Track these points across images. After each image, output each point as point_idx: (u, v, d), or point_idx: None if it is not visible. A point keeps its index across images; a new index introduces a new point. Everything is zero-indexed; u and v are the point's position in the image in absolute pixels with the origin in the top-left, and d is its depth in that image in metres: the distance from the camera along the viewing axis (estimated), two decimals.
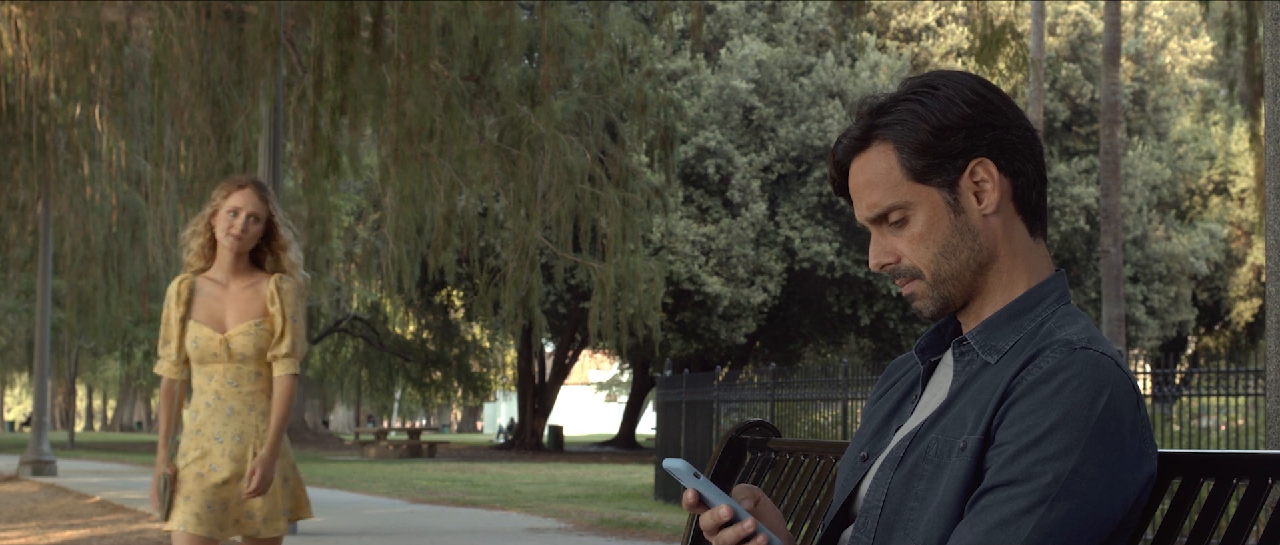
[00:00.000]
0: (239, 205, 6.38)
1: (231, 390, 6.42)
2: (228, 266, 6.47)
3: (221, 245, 6.43)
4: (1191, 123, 49.61)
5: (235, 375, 6.42)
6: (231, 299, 6.45)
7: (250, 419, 6.43)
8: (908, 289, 2.48)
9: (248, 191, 6.43)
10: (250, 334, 6.40)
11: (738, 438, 3.81)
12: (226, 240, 6.39)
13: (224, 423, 6.41)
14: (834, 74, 40.32)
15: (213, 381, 6.43)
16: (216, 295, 6.45)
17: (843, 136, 2.51)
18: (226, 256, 6.46)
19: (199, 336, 6.40)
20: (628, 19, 23.48)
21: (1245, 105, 25.80)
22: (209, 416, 6.43)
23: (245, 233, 6.39)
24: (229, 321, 6.42)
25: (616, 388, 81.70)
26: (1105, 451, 2.26)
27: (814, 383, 20.46)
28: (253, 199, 6.42)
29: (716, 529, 2.40)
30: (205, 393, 6.44)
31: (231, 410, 6.42)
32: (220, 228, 6.40)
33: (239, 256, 6.47)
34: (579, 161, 20.42)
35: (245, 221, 6.38)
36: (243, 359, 6.40)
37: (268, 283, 6.47)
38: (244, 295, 6.45)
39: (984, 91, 2.44)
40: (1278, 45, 3.91)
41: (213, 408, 6.43)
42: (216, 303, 6.45)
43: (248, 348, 6.39)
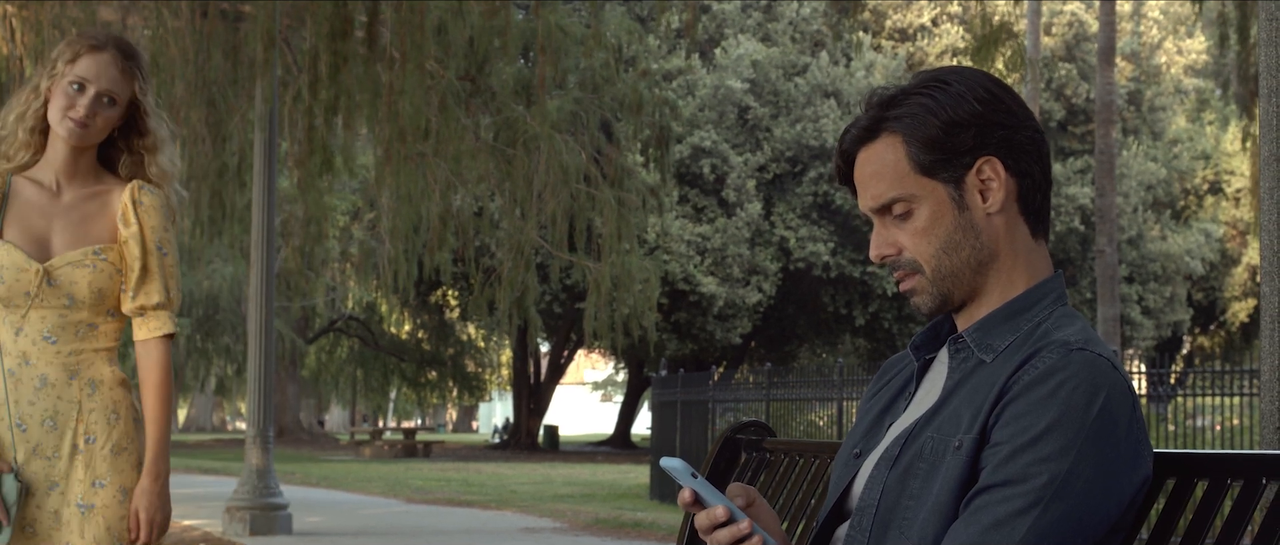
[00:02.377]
0: (86, 77, 4.35)
1: (47, 350, 4.31)
2: (62, 165, 4.42)
3: (55, 134, 4.41)
4: (1186, 122, 49.62)
5: (56, 326, 4.32)
6: (62, 212, 4.42)
7: (70, 394, 4.32)
8: (907, 283, 2.48)
9: (104, 57, 4.39)
10: (85, 265, 4.34)
11: (733, 438, 3.82)
12: (63, 126, 4.35)
13: (30, 399, 4.30)
14: (829, 74, 40.31)
15: (20, 336, 4.32)
16: (40, 205, 4.42)
17: (851, 126, 2.51)
18: (61, 151, 4.41)
19: (6, 263, 4.29)
20: (623, 19, 23.49)
21: (1240, 105, 25.80)
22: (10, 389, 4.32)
23: (92, 118, 4.35)
24: (55, 244, 4.37)
25: (612, 387, 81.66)
26: (1100, 453, 2.26)
27: (809, 383, 20.48)
28: (109, 69, 4.38)
29: (712, 529, 2.40)
30: (7, 354, 4.35)
31: (43, 380, 4.30)
32: (55, 107, 4.37)
33: (81, 153, 4.42)
34: (574, 161, 20.41)
35: (92, 102, 4.33)
36: (70, 302, 4.32)
37: (120, 193, 4.44)
38: (82, 208, 4.43)
39: (996, 90, 2.44)
40: (1272, 45, 3.92)
41: (15, 376, 4.32)
42: (39, 216, 4.41)
43: (80, 285, 4.31)
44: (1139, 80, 47.04)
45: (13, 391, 4.34)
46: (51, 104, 4.40)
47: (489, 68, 19.61)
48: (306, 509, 17.55)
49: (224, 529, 15.19)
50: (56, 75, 4.42)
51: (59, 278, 4.34)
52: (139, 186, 4.44)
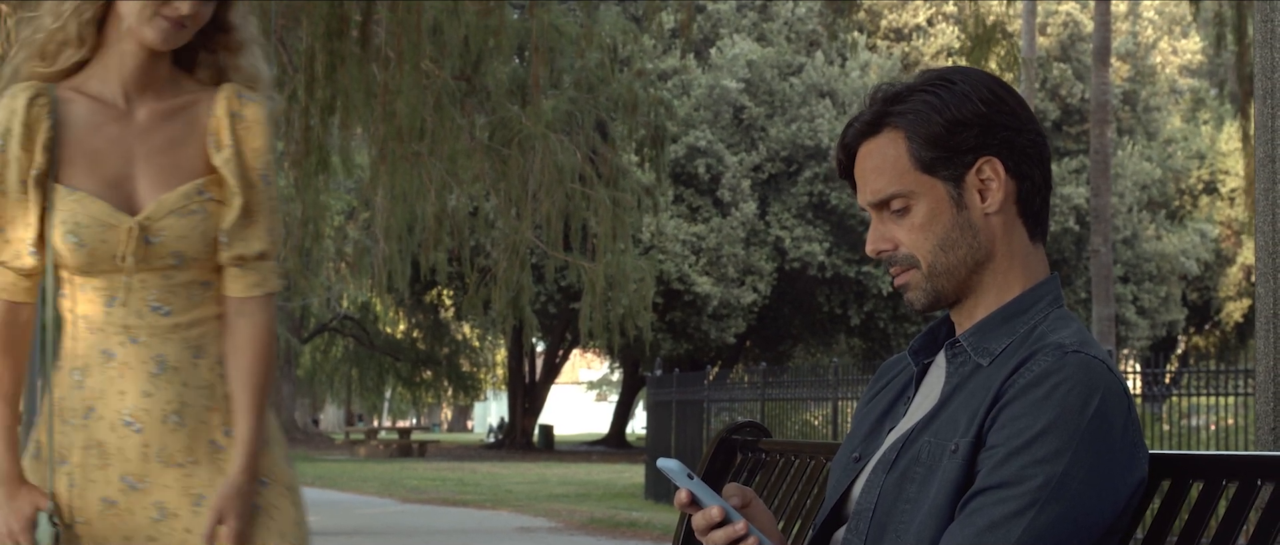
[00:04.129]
0: None
1: (159, 324, 3.24)
2: (133, 73, 3.26)
3: (126, 35, 3.24)
4: (1182, 122, 49.64)
5: (163, 292, 3.24)
6: (139, 138, 3.27)
7: (198, 378, 3.26)
8: (901, 279, 2.49)
9: None
10: (191, 210, 3.23)
11: (728, 438, 3.82)
12: (153, 27, 3.19)
13: (145, 390, 3.23)
14: (824, 74, 40.31)
15: (116, 306, 3.23)
16: (109, 132, 3.26)
17: (854, 120, 2.52)
18: (132, 56, 3.25)
19: (84, 220, 3.20)
20: (618, 18, 23.49)
21: (1235, 105, 25.85)
22: (112, 378, 3.25)
23: (194, 16, 3.22)
24: (142, 188, 3.24)
25: (607, 387, 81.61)
26: (1096, 455, 2.26)
27: (804, 382, 20.49)
28: None
29: (708, 529, 2.40)
30: (98, 330, 3.25)
31: (160, 363, 3.23)
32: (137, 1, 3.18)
33: (159, 56, 3.27)
34: (569, 161, 20.41)
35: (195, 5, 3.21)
36: (178, 261, 3.24)
37: (210, 103, 3.30)
38: (166, 130, 3.28)
39: (1000, 92, 2.45)
40: (1267, 46, 3.92)
41: (120, 359, 3.24)
42: (111, 147, 3.26)
43: (190, 238, 3.23)
44: (1134, 80, 47.05)
45: (119, 378, 3.24)
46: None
47: (484, 67, 19.60)
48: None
49: None
50: None
51: (161, 233, 3.21)
52: (236, 93, 3.28)
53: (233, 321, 3.27)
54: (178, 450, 3.23)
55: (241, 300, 3.27)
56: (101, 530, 3.25)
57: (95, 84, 3.27)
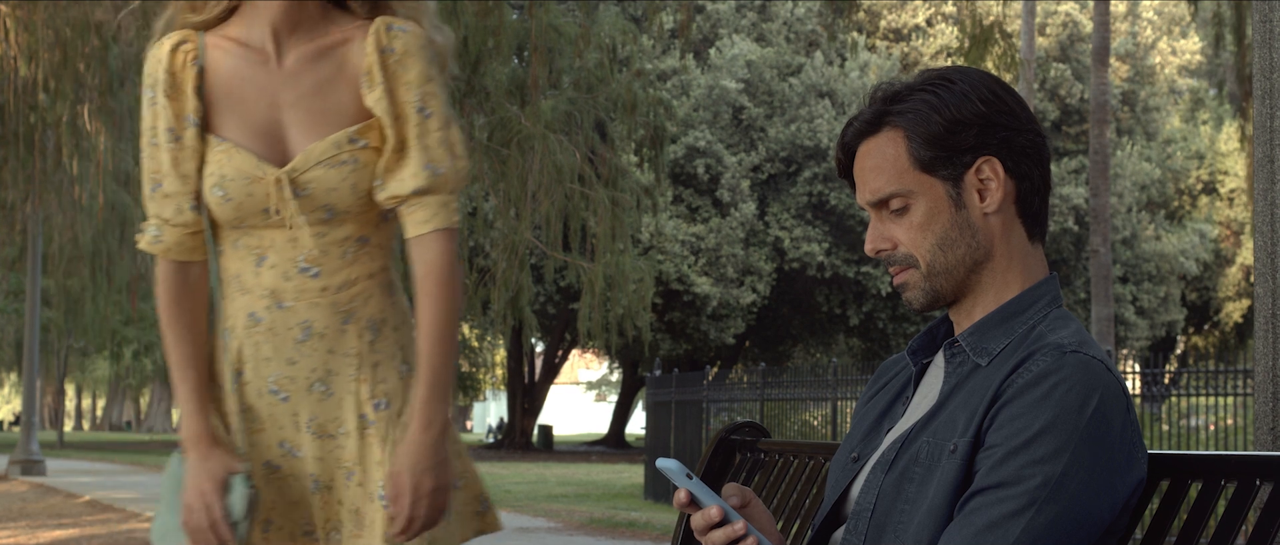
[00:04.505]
0: None
1: (307, 285, 3.08)
2: (281, 13, 3.08)
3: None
4: (1181, 123, 49.67)
5: (315, 251, 3.08)
6: (288, 83, 3.10)
7: (346, 345, 3.11)
8: (900, 278, 2.49)
9: None
10: (343, 160, 3.05)
11: (727, 438, 3.81)
12: None
13: (290, 357, 3.10)
14: (823, 74, 40.31)
15: (264, 267, 3.10)
16: (256, 79, 3.10)
17: (854, 119, 2.52)
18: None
19: (229, 172, 3.06)
20: (617, 19, 23.46)
21: (1234, 105, 25.87)
22: (258, 343, 3.12)
23: None
24: (292, 136, 3.08)
25: (606, 387, 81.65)
26: (1094, 455, 2.26)
27: (803, 383, 20.48)
28: None
29: (707, 529, 2.40)
30: (247, 291, 3.12)
31: (307, 329, 3.09)
32: None
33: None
34: (568, 161, 20.41)
35: None
36: (329, 214, 3.07)
37: (362, 41, 3.10)
38: (316, 73, 3.10)
39: (1000, 92, 2.45)
40: (1266, 46, 3.92)
41: (261, 323, 3.11)
42: (259, 95, 3.10)
43: (341, 190, 3.05)
44: (1133, 80, 47.07)
45: (265, 343, 3.10)
46: None
47: (483, 67, 19.60)
48: None
49: None
50: None
51: (310, 185, 3.03)
52: (385, 26, 3.05)
53: (412, 265, 3.10)
54: (328, 420, 3.10)
55: (412, 241, 3.07)
56: (269, 496, 3.13)
57: (243, 29, 3.10)
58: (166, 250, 3.13)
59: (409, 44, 3.05)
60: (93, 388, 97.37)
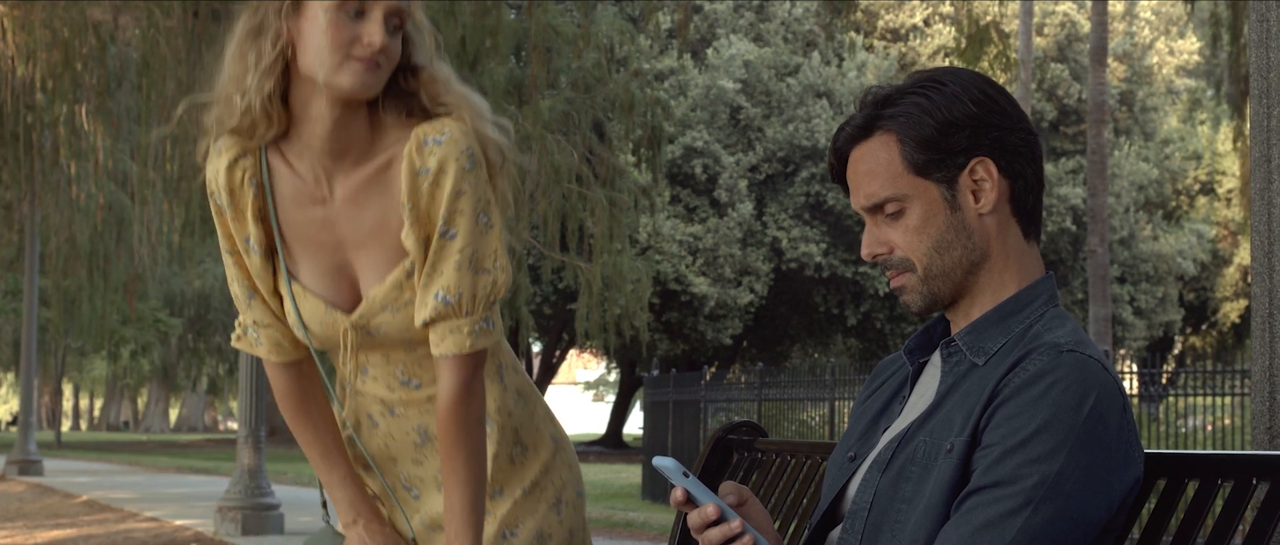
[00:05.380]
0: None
1: (412, 396, 3.10)
2: (327, 141, 2.93)
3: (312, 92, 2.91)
4: (1178, 123, 49.65)
5: (409, 365, 3.08)
6: (346, 219, 2.98)
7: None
8: (897, 282, 2.49)
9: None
10: (405, 301, 2.99)
11: (725, 438, 3.82)
12: (346, 73, 2.85)
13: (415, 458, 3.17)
14: (821, 74, 40.30)
15: (367, 378, 3.13)
16: (317, 216, 2.99)
17: (846, 124, 2.51)
18: (324, 119, 2.92)
19: (305, 315, 3.04)
20: (615, 19, 23.46)
21: (1232, 105, 25.85)
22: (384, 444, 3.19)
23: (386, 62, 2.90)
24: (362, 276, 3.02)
25: (603, 387, 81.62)
26: (1091, 454, 2.26)
27: (801, 383, 20.47)
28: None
29: (704, 527, 2.40)
30: (360, 395, 3.17)
31: (423, 434, 3.13)
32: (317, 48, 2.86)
33: (354, 113, 2.93)
34: (566, 161, 20.41)
35: (384, 27, 2.88)
36: (409, 345, 3.04)
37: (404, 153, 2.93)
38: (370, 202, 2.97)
39: (991, 92, 2.44)
40: (1263, 46, 3.92)
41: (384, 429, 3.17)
42: (320, 231, 3.00)
43: (409, 329, 3.01)
44: (1131, 80, 47.06)
45: (392, 443, 3.14)
46: (307, 45, 2.87)
47: (481, 67, 19.59)
48: (298, 509, 17.53)
49: (216, 528, 15.18)
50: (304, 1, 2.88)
51: (380, 329, 2.99)
52: (419, 145, 2.89)
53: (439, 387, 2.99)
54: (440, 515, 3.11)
55: (436, 361, 2.97)
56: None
57: (297, 152, 2.96)
58: (268, 352, 3.11)
59: (444, 158, 2.89)
60: (90, 387, 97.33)
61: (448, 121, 2.92)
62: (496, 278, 2.97)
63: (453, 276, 2.92)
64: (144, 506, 19.01)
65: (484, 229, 2.94)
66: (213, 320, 49.34)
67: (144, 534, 15.33)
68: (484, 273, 2.95)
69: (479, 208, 2.92)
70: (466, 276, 2.93)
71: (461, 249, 2.91)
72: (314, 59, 2.84)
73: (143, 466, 33.84)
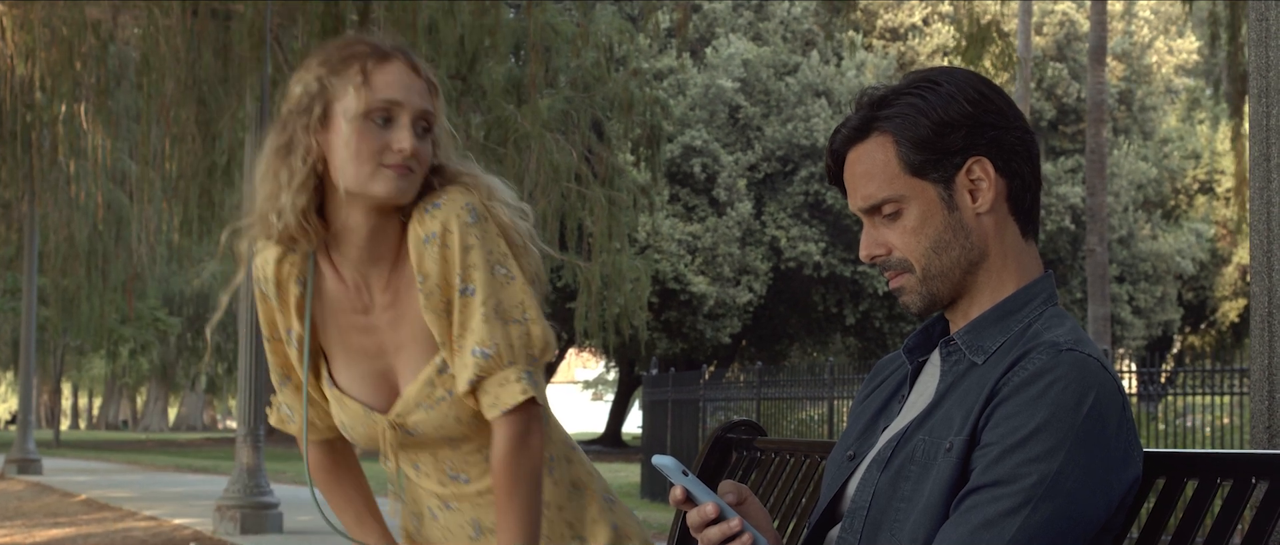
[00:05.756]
0: (394, 98, 2.90)
1: (462, 490, 3.09)
2: (363, 249, 2.97)
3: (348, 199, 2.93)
4: (1177, 122, 49.65)
5: (456, 462, 3.07)
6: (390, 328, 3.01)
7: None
8: (896, 282, 2.49)
9: (399, 66, 2.93)
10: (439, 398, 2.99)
11: (724, 437, 3.82)
12: (380, 181, 2.88)
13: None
14: (820, 73, 40.31)
15: (420, 474, 3.13)
16: (359, 323, 3.03)
17: (842, 126, 2.51)
18: (359, 227, 2.95)
19: (345, 416, 3.08)
20: (614, 18, 23.45)
21: (1231, 104, 25.85)
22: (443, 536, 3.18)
23: (417, 165, 2.92)
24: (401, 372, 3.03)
25: (603, 386, 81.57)
26: (1090, 453, 2.26)
27: (800, 382, 20.47)
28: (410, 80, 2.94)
29: (703, 526, 2.40)
30: (415, 488, 3.18)
31: (477, 527, 3.10)
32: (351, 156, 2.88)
33: (386, 218, 2.95)
34: (565, 160, 20.41)
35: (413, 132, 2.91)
36: (451, 442, 3.03)
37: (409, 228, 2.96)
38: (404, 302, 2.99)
39: (986, 91, 2.44)
40: (1261, 45, 3.92)
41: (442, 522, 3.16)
42: (362, 335, 3.03)
43: (447, 425, 3.00)
44: (1130, 80, 47.07)
45: (449, 536, 3.13)
46: (337, 158, 2.88)
47: (480, 66, 19.60)
48: (297, 508, 17.53)
49: (215, 527, 15.17)
50: (333, 112, 2.90)
51: (417, 427, 2.99)
52: (419, 217, 2.91)
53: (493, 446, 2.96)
54: None
55: (492, 419, 2.93)
56: None
57: (339, 261, 2.99)
58: (299, 432, 3.16)
59: (445, 218, 2.90)
60: (89, 386, 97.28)
61: (446, 188, 2.94)
62: (529, 329, 2.94)
63: (482, 330, 2.89)
64: (143, 505, 19.01)
65: (504, 280, 2.93)
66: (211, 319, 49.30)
67: (143, 533, 15.33)
68: (514, 323, 2.93)
69: (493, 260, 2.92)
70: (496, 327, 2.90)
71: (484, 301, 2.90)
72: (345, 171, 2.87)
73: (141, 465, 33.84)
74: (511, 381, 2.89)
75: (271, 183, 2.94)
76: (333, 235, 2.96)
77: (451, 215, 2.89)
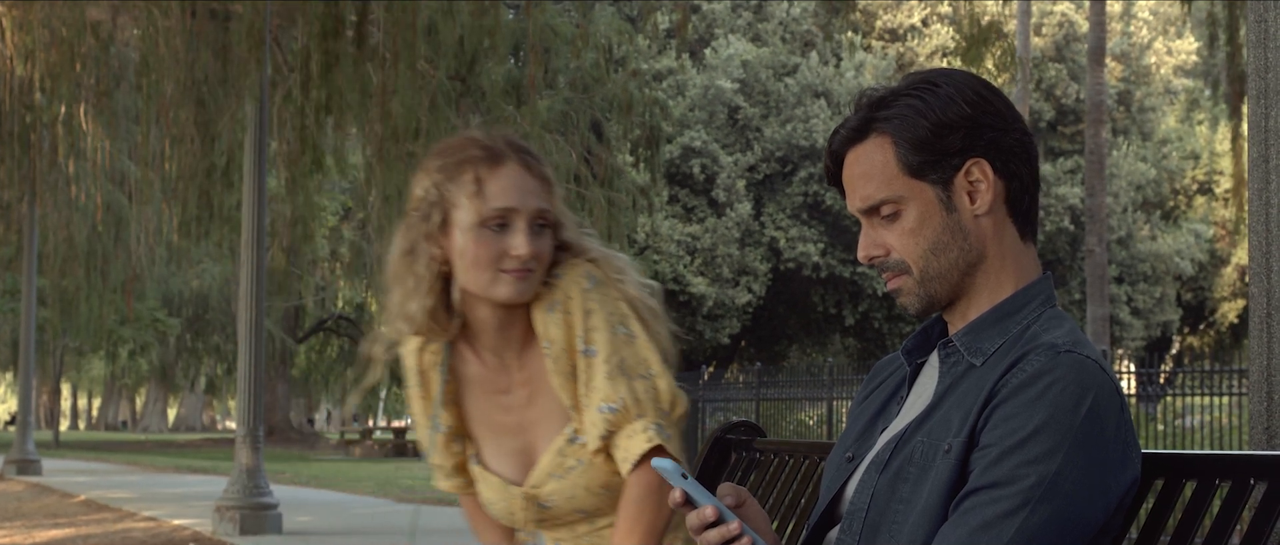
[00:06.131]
0: (509, 204, 3.01)
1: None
2: (495, 335, 3.08)
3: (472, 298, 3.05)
4: (1176, 123, 49.67)
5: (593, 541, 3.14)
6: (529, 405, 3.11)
7: None
8: (894, 284, 2.48)
9: (512, 168, 3.04)
10: (569, 466, 3.07)
11: (723, 438, 3.81)
12: (501, 286, 3.00)
13: None
14: (819, 74, 40.33)
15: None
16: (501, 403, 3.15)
17: (840, 127, 2.51)
18: (488, 320, 3.07)
19: (486, 494, 3.20)
20: (613, 19, 23.46)
21: (1229, 105, 25.87)
22: None
23: (536, 264, 3.02)
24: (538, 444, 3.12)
25: None
26: (1088, 455, 2.26)
27: (799, 382, 20.49)
28: (526, 181, 3.05)
29: (702, 529, 2.39)
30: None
31: None
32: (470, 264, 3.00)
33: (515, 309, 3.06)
34: (564, 161, 20.40)
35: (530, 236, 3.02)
36: (583, 515, 3.11)
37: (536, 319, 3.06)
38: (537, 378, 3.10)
39: (985, 93, 2.44)
40: (1260, 47, 3.93)
41: None
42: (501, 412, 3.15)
43: (578, 497, 3.08)
44: (1129, 80, 47.09)
45: None
46: (459, 261, 3.00)
47: (479, 67, 19.60)
48: (296, 508, 17.54)
49: (214, 528, 15.17)
50: (451, 220, 3.00)
51: (551, 498, 3.07)
52: (544, 287, 3.02)
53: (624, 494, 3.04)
54: None
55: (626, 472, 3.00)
56: None
57: (479, 345, 3.12)
58: (452, 488, 3.29)
59: (567, 287, 3.02)
60: (88, 387, 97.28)
61: (568, 261, 3.06)
62: (655, 383, 3.01)
63: (607, 387, 2.97)
64: (142, 506, 19.01)
65: (625, 339, 3.01)
66: (211, 320, 49.28)
67: (142, 533, 15.32)
68: (639, 378, 2.99)
69: (613, 320, 3.01)
70: (621, 383, 2.97)
71: (607, 359, 2.98)
72: (466, 277, 3.01)
73: (141, 466, 33.84)
74: (639, 433, 2.96)
75: (400, 288, 3.06)
76: (467, 324, 3.09)
77: (572, 283, 3.01)
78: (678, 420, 3.04)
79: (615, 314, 3.00)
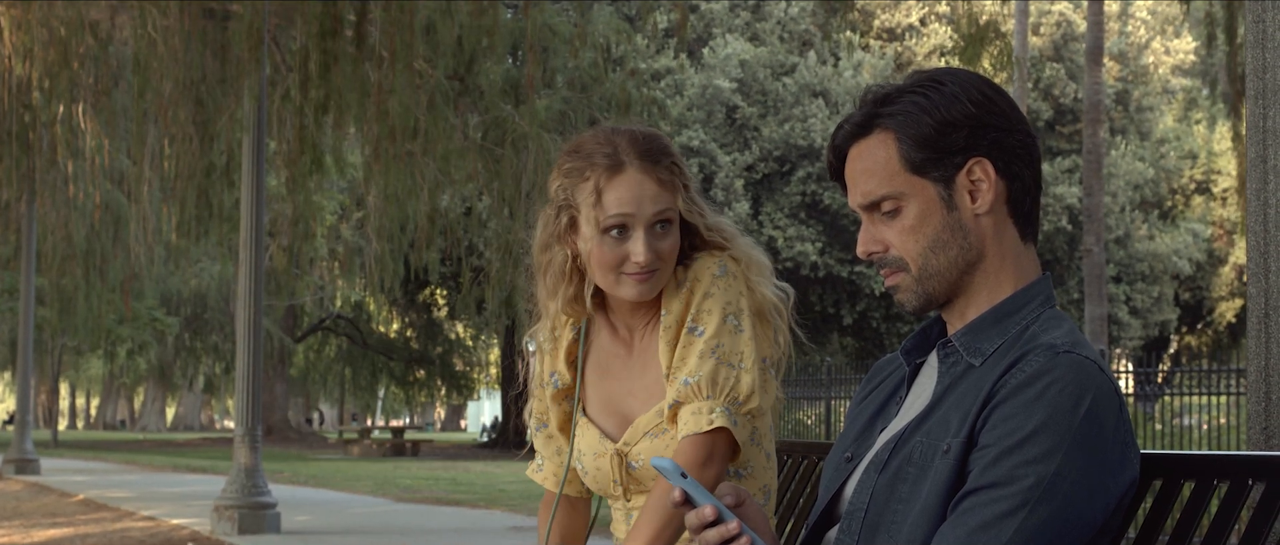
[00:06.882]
0: (626, 212, 3.14)
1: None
2: (627, 312, 3.27)
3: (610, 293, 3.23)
4: (1174, 122, 49.68)
5: None
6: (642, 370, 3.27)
7: None
8: (892, 280, 2.48)
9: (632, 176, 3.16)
10: (665, 428, 3.18)
11: None
12: (623, 288, 3.17)
13: None
14: (817, 73, 40.32)
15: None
16: (617, 368, 3.31)
17: (844, 121, 2.51)
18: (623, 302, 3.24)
19: (584, 446, 3.31)
20: (611, 18, 23.46)
21: (1228, 105, 25.89)
22: None
23: (659, 264, 3.15)
24: (637, 409, 3.26)
25: None
26: (1087, 455, 2.26)
27: (797, 382, 20.48)
28: (645, 187, 3.15)
29: (701, 528, 2.40)
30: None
31: None
32: (597, 268, 3.18)
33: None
34: None
35: (648, 242, 3.14)
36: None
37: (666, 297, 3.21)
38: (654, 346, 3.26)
39: (989, 93, 2.44)
40: (1258, 46, 3.93)
41: None
42: (621, 381, 3.30)
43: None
44: (1127, 80, 47.10)
45: None
46: (588, 258, 3.19)
47: (477, 67, 19.60)
48: (295, 508, 17.54)
49: (212, 528, 15.17)
50: (578, 220, 3.19)
51: (640, 457, 3.17)
52: (681, 268, 3.18)
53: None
54: None
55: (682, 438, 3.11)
56: None
57: (613, 316, 3.31)
58: (545, 480, 3.42)
59: (699, 270, 3.16)
60: (87, 386, 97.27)
61: (711, 250, 3.20)
62: (740, 376, 3.11)
63: (695, 363, 3.09)
64: (140, 505, 19.01)
65: (732, 330, 3.13)
66: (209, 319, 49.30)
67: (140, 533, 15.32)
68: (727, 366, 3.10)
69: (727, 310, 3.14)
70: (708, 363, 3.09)
71: (707, 340, 3.11)
72: (594, 275, 3.20)
73: (139, 465, 33.83)
74: (705, 413, 3.06)
75: (542, 280, 3.28)
76: (605, 300, 3.28)
77: (703, 268, 3.16)
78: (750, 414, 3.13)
79: (732, 305, 3.13)
